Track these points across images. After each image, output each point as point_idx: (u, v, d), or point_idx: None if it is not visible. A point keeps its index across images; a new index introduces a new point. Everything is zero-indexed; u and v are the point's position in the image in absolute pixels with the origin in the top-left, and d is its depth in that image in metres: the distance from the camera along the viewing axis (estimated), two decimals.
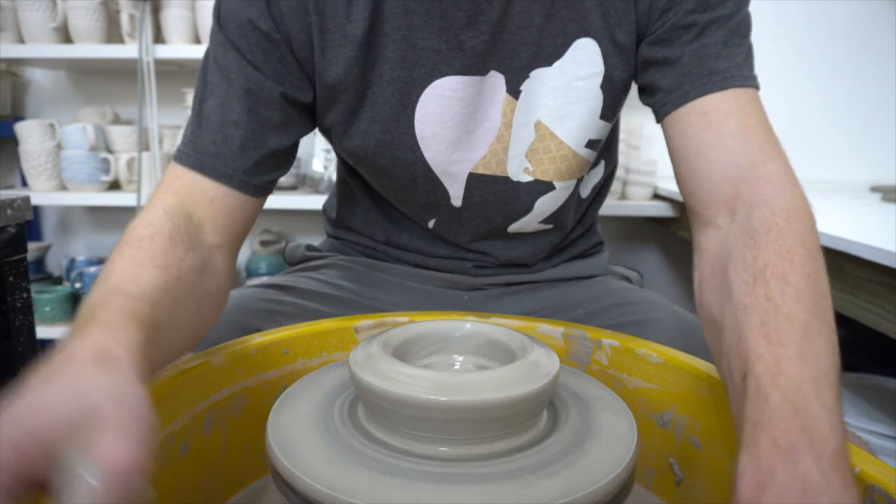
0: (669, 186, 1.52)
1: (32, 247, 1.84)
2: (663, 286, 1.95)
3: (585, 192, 0.74)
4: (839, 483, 0.29)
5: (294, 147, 0.63)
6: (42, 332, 1.57)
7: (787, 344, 0.36)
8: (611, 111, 0.63)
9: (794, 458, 0.30)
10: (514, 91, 0.61)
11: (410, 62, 0.59)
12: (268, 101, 0.58)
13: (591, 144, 0.64)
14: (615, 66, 0.60)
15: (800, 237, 0.43)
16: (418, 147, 0.63)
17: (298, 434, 0.39)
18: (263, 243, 1.88)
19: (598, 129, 0.63)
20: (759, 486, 0.30)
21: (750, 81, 0.55)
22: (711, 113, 0.53)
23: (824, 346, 0.36)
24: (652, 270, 1.96)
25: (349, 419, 0.41)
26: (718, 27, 0.55)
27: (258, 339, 0.55)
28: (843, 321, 1.42)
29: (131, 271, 0.43)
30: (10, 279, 0.85)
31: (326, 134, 0.67)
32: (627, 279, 0.82)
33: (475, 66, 0.60)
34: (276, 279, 0.77)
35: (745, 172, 0.50)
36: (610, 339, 0.57)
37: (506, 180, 0.65)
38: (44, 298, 1.71)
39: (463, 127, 0.62)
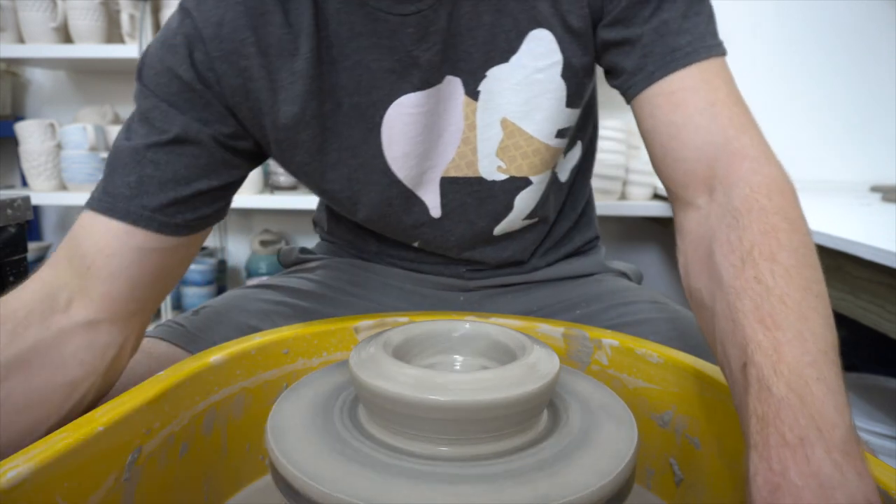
0: None
1: (32, 247, 1.84)
2: (663, 286, 1.95)
3: (564, 175, 0.72)
4: (853, 473, 0.29)
5: (231, 186, 0.59)
6: None
7: (784, 327, 0.35)
8: (577, 98, 0.61)
9: (804, 453, 0.30)
10: (472, 93, 0.60)
11: (367, 86, 0.58)
12: (194, 143, 0.54)
13: (560, 133, 0.63)
14: (573, 53, 0.58)
15: (782, 211, 0.43)
16: (390, 169, 0.62)
17: (299, 434, 0.39)
18: (263, 243, 1.88)
19: (565, 117, 0.62)
20: (774, 488, 0.30)
21: (714, 50, 0.53)
22: (678, 92, 0.52)
23: (821, 323, 0.36)
24: (652, 270, 1.96)
25: (349, 419, 0.41)
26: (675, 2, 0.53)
27: (258, 339, 0.55)
28: (843, 321, 1.42)
29: None
30: (11, 279, 0.85)
31: (298, 177, 0.64)
32: (625, 275, 0.81)
33: (432, 78, 0.59)
34: (272, 280, 0.77)
35: (719, 150, 0.49)
36: (610, 339, 0.57)
37: (480, 181, 0.64)
38: None
39: (429, 138, 0.61)
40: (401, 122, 0.59)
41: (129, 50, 1.58)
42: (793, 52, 1.79)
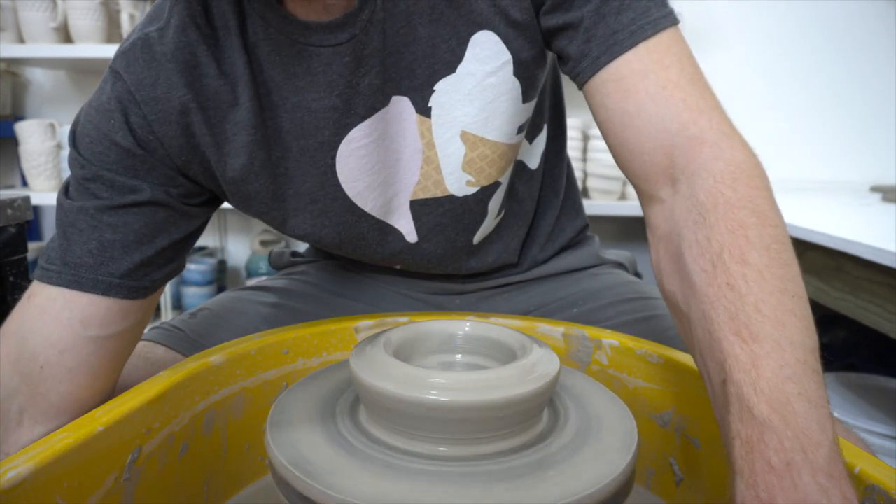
0: None
1: (32, 247, 1.83)
2: None
3: (534, 162, 0.69)
4: (839, 497, 0.29)
5: (192, 235, 0.57)
6: None
7: (761, 338, 0.35)
8: (532, 91, 0.58)
9: (791, 479, 0.30)
10: (423, 110, 0.56)
11: (311, 128, 0.55)
12: (148, 203, 0.52)
13: (521, 129, 0.60)
14: (521, 48, 0.55)
15: (750, 203, 0.41)
16: (355, 205, 0.59)
17: (299, 434, 0.39)
18: (263, 243, 1.88)
19: (524, 113, 0.59)
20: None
21: (662, 23, 0.48)
22: (627, 78, 0.48)
23: (800, 327, 0.35)
24: (651, 270, 1.96)
25: (349, 419, 0.41)
26: None
27: (258, 339, 0.55)
28: (843, 321, 1.42)
29: None
30: (11, 279, 0.85)
31: (263, 221, 0.62)
32: (622, 265, 0.79)
33: (378, 102, 0.55)
34: (266, 282, 0.76)
35: (676, 136, 0.46)
36: (610, 339, 0.57)
37: (451, 198, 0.61)
38: None
39: (387, 164, 0.58)
40: (354, 156, 0.57)
41: None
42: (793, 52, 1.79)
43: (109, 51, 1.60)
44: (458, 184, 0.60)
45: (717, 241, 0.40)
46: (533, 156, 0.69)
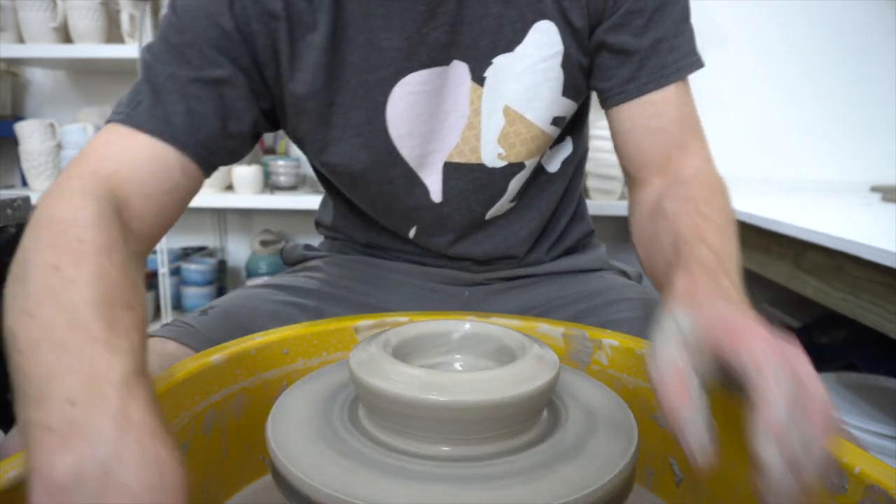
0: None
1: None
2: None
3: (554, 167, 0.74)
4: (723, 301, 0.38)
5: (254, 137, 0.63)
6: None
7: (709, 228, 0.49)
8: (571, 89, 0.65)
9: (716, 279, 0.42)
10: (478, 79, 0.63)
11: (375, 64, 0.60)
12: (233, 85, 0.58)
13: (556, 121, 0.66)
14: (571, 46, 0.62)
15: (719, 192, 0.57)
16: (394, 147, 0.64)
17: (299, 434, 0.39)
18: (263, 243, 1.89)
19: (562, 106, 0.65)
20: (689, 290, 0.41)
21: (694, 66, 0.63)
22: (659, 103, 0.62)
23: (734, 245, 0.49)
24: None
25: (349, 419, 0.41)
26: (669, 11, 0.60)
27: (258, 339, 0.55)
28: (843, 321, 1.42)
29: (84, 281, 0.37)
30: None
31: (301, 146, 0.67)
32: (626, 274, 0.82)
33: (439, 58, 0.61)
34: (276, 279, 0.77)
35: (678, 149, 0.62)
36: (610, 339, 0.57)
37: (481, 167, 0.67)
38: None
39: (434, 118, 0.64)
40: (405, 100, 0.62)
41: (129, 50, 1.58)
42: (793, 52, 1.79)
43: (109, 51, 1.60)
44: (491, 155, 0.66)
45: (692, 192, 0.56)
46: (552, 161, 0.74)
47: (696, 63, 0.63)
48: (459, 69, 0.62)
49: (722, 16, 1.76)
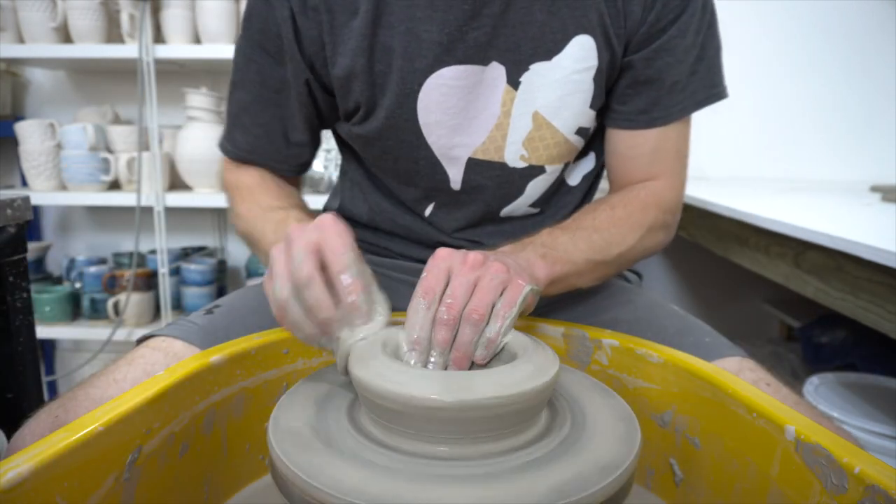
0: None
1: (32, 247, 1.84)
2: (663, 286, 1.95)
3: (575, 180, 0.76)
4: (526, 261, 0.51)
5: (310, 147, 0.74)
6: (42, 332, 1.58)
7: (578, 232, 0.62)
8: (598, 101, 0.67)
9: (524, 249, 0.56)
10: (514, 82, 0.64)
11: (413, 53, 0.62)
12: (286, 91, 0.67)
13: (580, 132, 0.68)
14: (605, 61, 0.64)
15: (642, 208, 0.67)
16: (421, 132, 0.66)
17: (299, 434, 0.39)
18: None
19: (587, 117, 0.67)
20: (502, 253, 0.53)
21: (700, 105, 0.68)
22: (660, 139, 0.68)
23: (583, 245, 0.61)
24: (652, 270, 1.96)
25: (349, 419, 0.41)
26: (696, 52, 0.64)
27: (258, 339, 0.55)
28: (843, 321, 1.41)
29: (273, 196, 0.70)
30: (10, 279, 0.85)
31: (346, 119, 0.71)
32: (626, 279, 0.82)
33: (477, 56, 0.63)
34: None
35: (645, 175, 0.70)
36: (610, 339, 0.57)
37: (502, 166, 0.68)
38: (44, 298, 1.71)
39: (464, 114, 0.65)
40: (438, 91, 0.64)
41: (129, 50, 1.58)
42: (793, 52, 1.79)
43: (109, 51, 1.60)
44: (514, 155, 0.68)
45: (616, 201, 0.67)
46: (574, 174, 0.76)
47: (702, 102, 0.67)
48: (496, 71, 0.64)
49: (722, 16, 1.76)
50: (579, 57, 0.63)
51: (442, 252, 0.46)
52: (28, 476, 0.34)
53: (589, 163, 0.76)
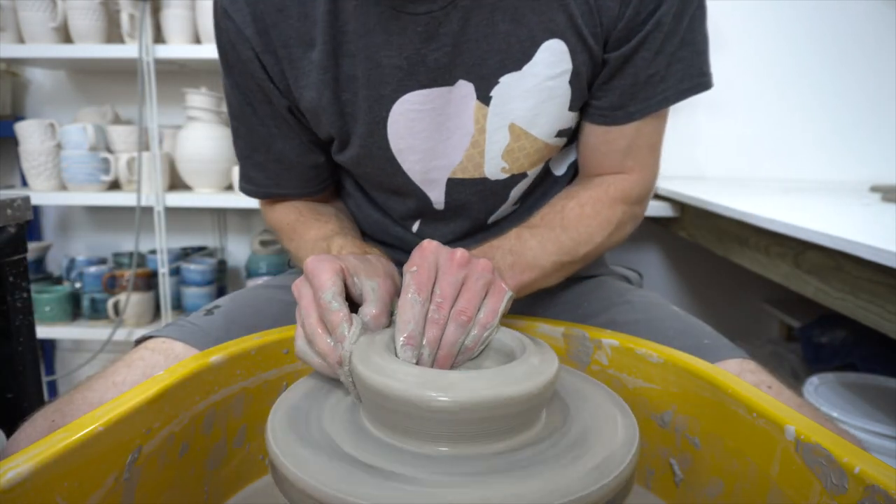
0: (669, 186, 1.52)
1: (32, 247, 1.84)
2: (663, 286, 1.95)
3: (561, 170, 0.74)
4: (485, 266, 0.47)
5: (314, 168, 0.73)
6: (42, 332, 1.57)
7: (539, 229, 0.62)
8: (578, 102, 0.64)
9: (493, 258, 0.56)
10: (484, 98, 0.62)
11: (376, 80, 0.61)
12: (277, 124, 0.68)
13: (561, 133, 0.66)
14: (582, 63, 0.61)
15: (608, 201, 0.66)
16: (395, 160, 0.66)
17: (299, 433, 0.39)
18: (263, 243, 1.88)
19: (567, 119, 0.65)
20: (479, 251, 0.57)
21: (683, 96, 0.63)
22: (636, 134, 0.65)
23: (552, 251, 0.61)
24: (652, 270, 1.96)
25: (349, 419, 0.41)
26: (675, 43, 0.60)
27: (258, 339, 0.55)
28: (843, 321, 1.41)
29: (316, 229, 0.69)
30: (10, 279, 0.85)
31: (328, 147, 0.71)
32: (627, 279, 0.82)
33: (441, 78, 0.61)
34: (280, 279, 0.77)
35: (615, 168, 0.68)
36: (610, 339, 0.57)
37: (483, 181, 0.67)
38: (44, 298, 1.71)
39: (437, 136, 0.64)
40: (406, 117, 0.63)
41: (129, 50, 1.58)
42: (793, 52, 1.79)
43: (109, 51, 1.60)
44: (495, 169, 0.67)
45: (574, 191, 0.67)
46: (560, 164, 0.74)
47: (685, 93, 0.63)
48: (464, 89, 0.62)
49: (722, 16, 1.76)
50: (551, 62, 0.60)
51: (429, 245, 0.46)
52: (28, 476, 0.34)
53: (573, 153, 0.75)
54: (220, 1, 0.63)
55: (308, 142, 0.69)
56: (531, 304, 0.74)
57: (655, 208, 1.59)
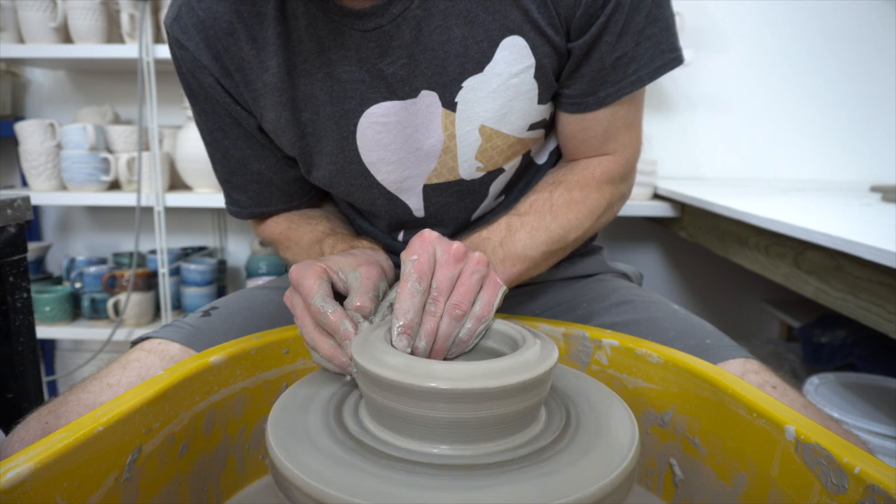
0: (669, 186, 1.52)
1: (32, 247, 1.84)
2: (663, 286, 1.95)
3: (542, 158, 0.73)
4: (480, 259, 0.48)
5: (294, 182, 0.73)
6: (42, 332, 1.58)
7: (529, 217, 0.61)
8: (547, 94, 0.63)
9: (484, 251, 0.56)
10: (450, 104, 0.61)
11: (339, 96, 0.61)
12: (264, 143, 0.68)
13: (534, 126, 0.65)
14: (545, 55, 0.60)
15: (596, 183, 0.66)
16: (369, 172, 0.66)
17: (299, 433, 0.39)
18: (263, 243, 1.88)
19: (538, 112, 0.64)
20: (471, 243, 0.58)
21: (657, 73, 0.62)
22: (613, 116, 0.64)
23: (544, 239, 0.60)
24: (652, 270, 1.96)
25: (350, 419, 0.41)
26: (637, 23, 0.59)
27: (258, 339, 0.55)
28: (843, 321, 1.41)
29: (309, 232, 0.70)
30: (10, 279, 0.85)
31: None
32: (626, 276, 0.81)
33: (402, 91, 0.60)
34: (278, 281, 0.77)
35: (596, 152, 0.68)
36: (610, 339, 0.57)
37: (460, 182, 0.67)
38: (44, 298, 1.71)
39: (406, 147, 0.64)
40: (373, 130, 0.63)
41: (129, 50, 1.58)
42: (792, 52, 1.79)
43: (109, 51, 1.60)
44: (469, 170, 0.66)
45: (561, 176, 0.66)
46: (540, 153, 0.73)
47: (659, 70, 0.62)
48: (428, 99, 0.61)
49: (721, 15, 1.76)
50: (512, 60, 0.59)
51: (429, 235, 0.47)
52: (28, 476, 0.34)
53: (553, 142, 0.74)
54: (171, 31, 0.63)
55: (283, 158, 0.69)
56: (531, 304, 0.74)
57: (655, 208, 1.59)
